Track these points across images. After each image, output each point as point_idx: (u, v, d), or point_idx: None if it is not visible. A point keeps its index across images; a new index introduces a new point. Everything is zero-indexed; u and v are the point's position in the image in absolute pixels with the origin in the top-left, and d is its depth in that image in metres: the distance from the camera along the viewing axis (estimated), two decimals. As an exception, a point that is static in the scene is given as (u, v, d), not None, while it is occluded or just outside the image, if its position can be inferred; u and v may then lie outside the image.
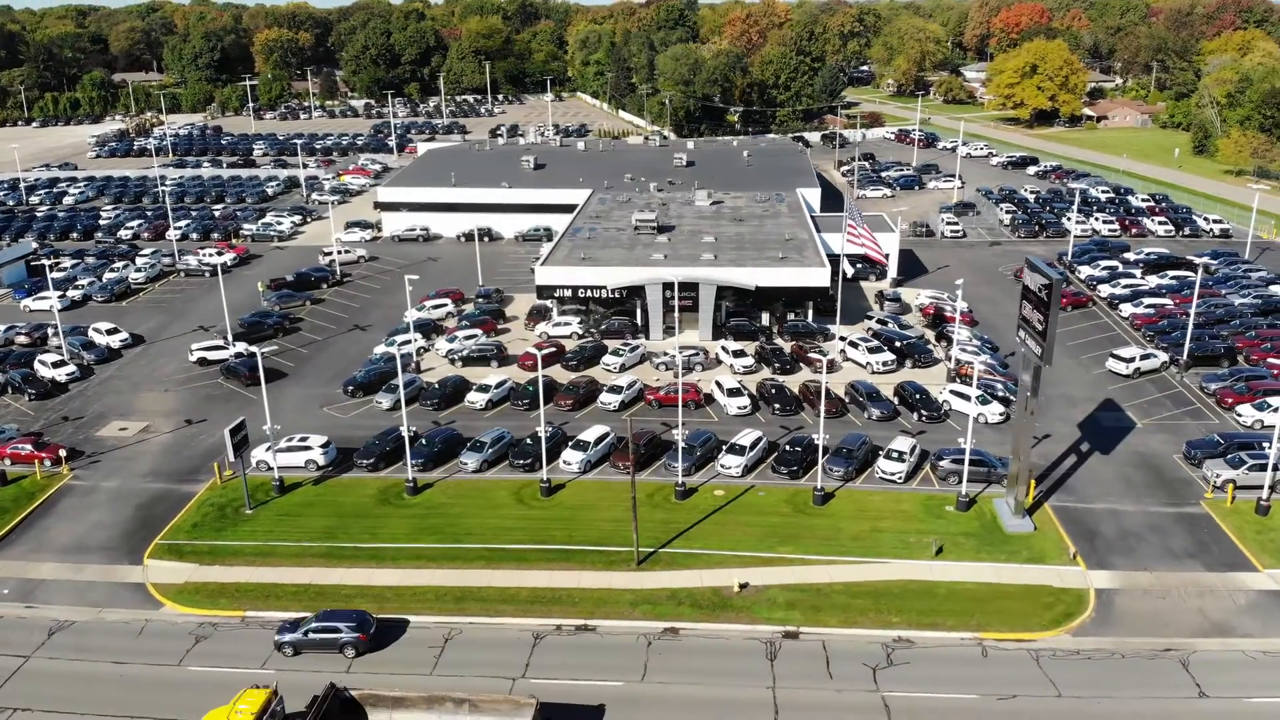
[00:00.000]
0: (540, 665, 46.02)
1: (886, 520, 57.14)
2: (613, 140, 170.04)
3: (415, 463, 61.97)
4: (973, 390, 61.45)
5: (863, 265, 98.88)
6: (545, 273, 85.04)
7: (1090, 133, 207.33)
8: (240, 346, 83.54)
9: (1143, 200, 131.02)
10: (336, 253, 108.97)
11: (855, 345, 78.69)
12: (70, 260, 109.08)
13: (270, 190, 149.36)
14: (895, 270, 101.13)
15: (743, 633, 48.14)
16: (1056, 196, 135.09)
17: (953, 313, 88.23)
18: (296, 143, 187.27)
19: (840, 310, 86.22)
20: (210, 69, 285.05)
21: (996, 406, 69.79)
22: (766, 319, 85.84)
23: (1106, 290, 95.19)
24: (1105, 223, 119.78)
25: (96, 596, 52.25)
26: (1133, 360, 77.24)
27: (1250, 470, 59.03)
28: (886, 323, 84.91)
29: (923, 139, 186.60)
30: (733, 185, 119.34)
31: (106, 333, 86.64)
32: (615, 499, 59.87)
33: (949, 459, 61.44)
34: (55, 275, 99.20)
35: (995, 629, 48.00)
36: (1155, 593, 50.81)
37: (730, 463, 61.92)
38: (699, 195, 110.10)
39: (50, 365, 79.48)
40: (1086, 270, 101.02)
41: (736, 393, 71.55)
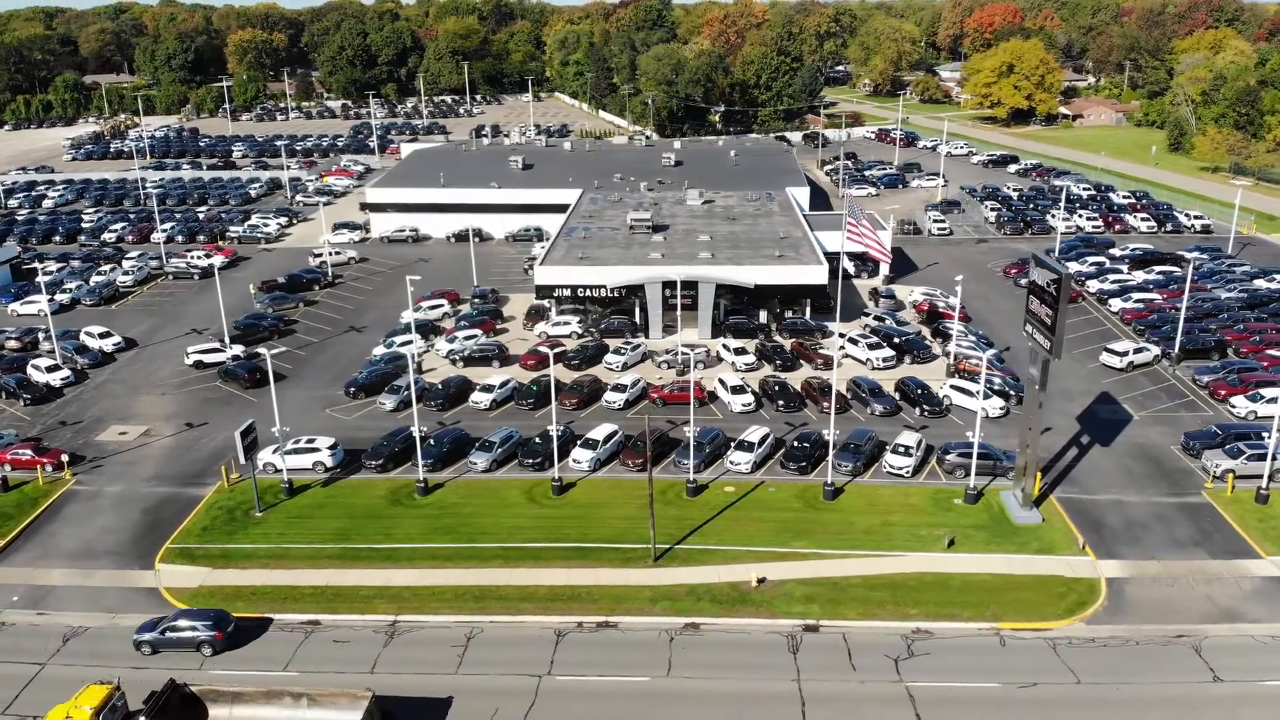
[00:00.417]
0: (564, 662, 46.19)
1: (897, 514, 57.81)
2: (598, 140, 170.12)
3: (425, 463, 61.83)
4: (980, 385, 62.27)
5: (855, 263, 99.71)
6: (544, 272, 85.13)
7: (1066, 131, 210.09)
8: (237, 349, 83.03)
9: (1124, 197, 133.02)
10: (327, 254, 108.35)
11: (855, 342, 79.43)
12: (56, 264, 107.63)
13: (253, 192, 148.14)
14: (886, 268, 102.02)
15: (763, 627, 48.56)
16: (1039, 194, 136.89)
17: (946, 309, 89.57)
18: (280, 144, 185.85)
19: (851, 307, 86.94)
20: (184, 70, 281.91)
21: (997, 401, 70.68)
22: (764, 317, 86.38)
23: (1095, 286, 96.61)
24: (1089, 219, 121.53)
25: (109, 602, 51.76)
26: (1126, 354, 78.51)
27: (1249, 460, 60.29)
28: (883, 319, 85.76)
29: (903, 138, 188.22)
30: (721, 185, 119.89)
31: (99, 336, 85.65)
32: (627, 496, 60.15)
33: (955, 453, 62.22)
34: (40, 279, 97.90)
35: (1011, 619, 48.73)
36: (1164, 581, 51.80)
37: (739, 459, 62.35)
38: (691, 194, 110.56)
39: (44, 370, 78.50)
40: (1074, 266, 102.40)
41: (740, 390, 72.02)
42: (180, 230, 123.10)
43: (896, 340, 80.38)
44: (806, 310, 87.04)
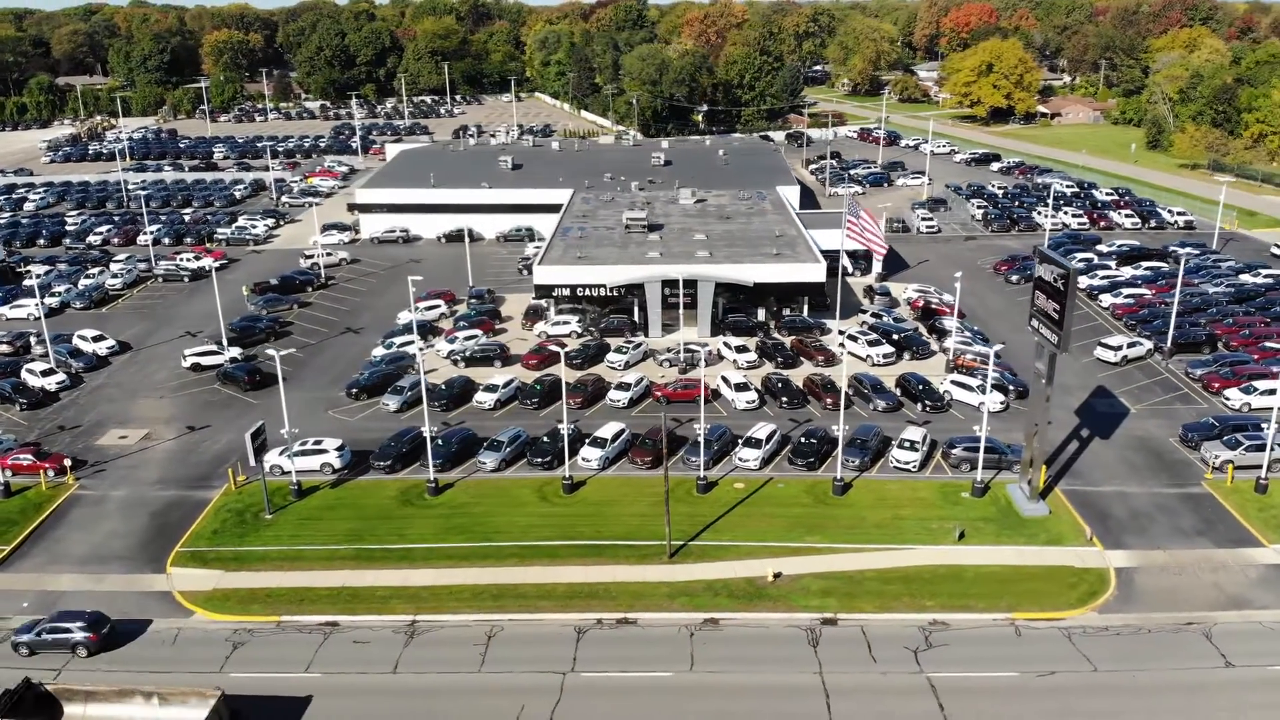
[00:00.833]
0: (587, 659, 46.39)
1: (906, 508, 58.44)
2: (584, 140, 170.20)
3: (435, 463, 61.75)
4: (987, 379, 63.06)
5: (853, 261, 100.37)
6: (543, 272, 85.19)
7: (1045, 130, 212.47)
8: (235, 351, 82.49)
9: (1106, 194, 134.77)
10: (319, 255, 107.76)
11: (855, 338, 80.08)
12: (43, 267, 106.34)
13: (238, 194, 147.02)
14: (879, 265, 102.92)
15: (782, 621, 48.98)
16: (1024, 191, 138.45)
17: (940, 305, 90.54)
18: (267, 145, 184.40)
19: (845, 305, 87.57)
20: (160, 71, 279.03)
21: (996, 395, 71.47)
22: (762, 315, 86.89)
23: (1085, 282, 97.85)
24: (1074, 216, 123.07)
25: (123, 606, 51.28)
26: (1120, 348, 79.70)
27: (1247, 451, 61.44)
28: (881, 316, 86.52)
29: (885, 137, 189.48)
30: (712, 184, 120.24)
31: (93, 340, 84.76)
32: (637, 494, 60.42)
33: (960, 447, 62.96)
34: (29, 282, 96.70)
35: (1025, 609, 49.46)
36: (1171, 570, 52.73)
37: (748, 456, 62.78)
38: (683, 194, 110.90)
39: (39, 374, 77.63)
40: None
41: (744, 387, 72.47)
42: (166, 232, 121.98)
43: (895, 337, 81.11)
44: (804, 308, 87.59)
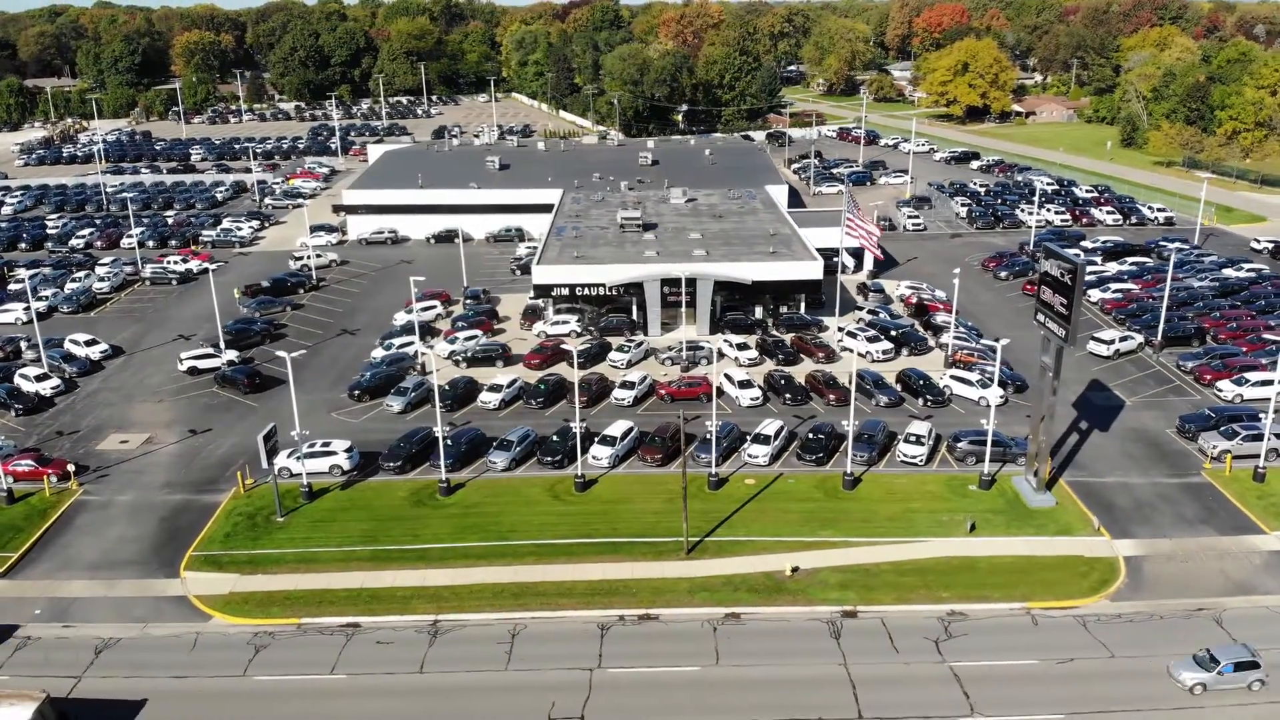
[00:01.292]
0: (613, 654, 46.62)
1: (916, 501, 59.20)
2: (570, 140, 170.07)
3: (446, 463, 61.67)
4: (995, 373, 64.10)
5: (836, 259, 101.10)
6: (542, 272, 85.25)
7: (1020, 128, 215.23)
8: (231, 354, 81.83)
9: (1086, 191, 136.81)
10: (311, 257, 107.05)
11: (854, 335, 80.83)
12: (27, 270, 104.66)
13: (219, 196, 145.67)
14: (871, 263, 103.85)
15: (803, 614, 49.50)
16: (1005, 189, 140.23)
17: (933, 302, 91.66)
18: (239, 147, 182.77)
19: (829, 302, 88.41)
20: (130, 73, 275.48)
21: (996, 389, 72.39)
22: (759, 313, 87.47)
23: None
24: (1057, 213, 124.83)
25: (138, 612, 50.93)
26: (1113, 342, 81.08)
27: (1244, 441, 62.80)
28: (878, 313, 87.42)
29: (864, 137, 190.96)
30: (700, 183, 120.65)
31: (85, 344, 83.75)
32: (649, 491, 60.75)
33: (966, 440, 63.85)
34: (14, 286, 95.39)
35: (1040, 598, 50.33)
36: (1178, 557, 53.86)
37: (757, 452, 63.29)
38: (674, 193, 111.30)
39: (33, 379, 76.60)
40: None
41: (747, 384, 72.98)
42: (150, 235, 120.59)
43: (893, 333, 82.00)
44: (801, 305, 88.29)
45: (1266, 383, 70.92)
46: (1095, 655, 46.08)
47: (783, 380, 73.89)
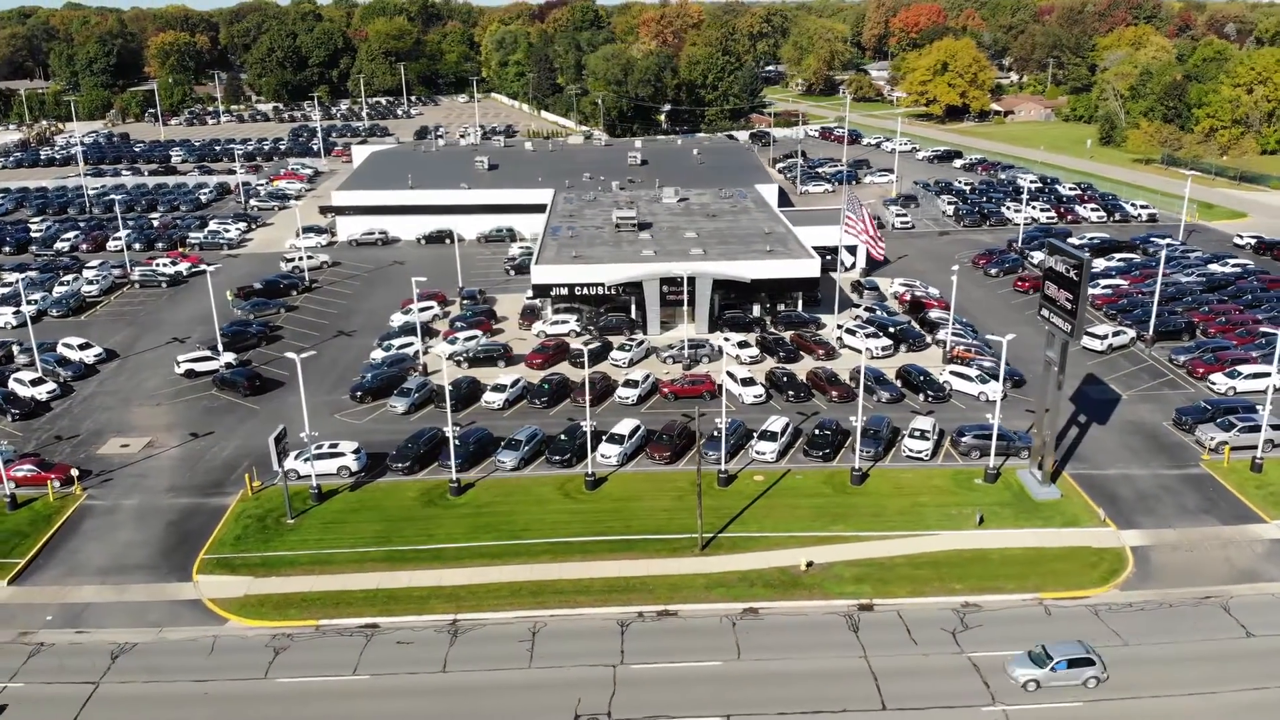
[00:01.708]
0: (635, 650, 46.86)
1: (924, 495, 59.86)
2: (557, 140, 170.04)
3: (456, 463, 61.63)
4: (1001, 369, 65.01)
5: (830, 257, 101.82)
6: (541, 271, 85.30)
7: (1000, 127, 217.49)
8: (229, 356, 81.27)
9: (1070, 189, 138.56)
10: (303, 258, 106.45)
11: (852, 332, 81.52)
12: (14, 274, 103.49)
13: (203, 197, 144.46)
14: (863, 261, 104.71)
15: (820, 608, 49.95)
16: (990, 187, 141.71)
17: (927, 298, 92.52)
18: (231, 148, 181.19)
19: (825, 300, 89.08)
20: (105, 75, 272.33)
21: (995, 385, 73.34)
22: (756, 311, 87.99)
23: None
24: (1042, 210, 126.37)
25: (153, 616, 50.53)
26: (1106, 337, 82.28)
27: (1241, 432, 64.00)
28: (874, 310, 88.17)
29: (847, 136, 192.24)
30: (689, 183, 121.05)
31: (79, 348, 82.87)
32: (659, 489, 61.04)
33: (970, 435, 64.62)
34: (1, 290, 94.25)
35: (1052, 589, 51.09)
36: (1184, 547, 54.83)
37: (764, 448, 63.74)
38: (666, 192, 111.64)
39: (29, 383, 75.72)
40: (1039, 255, 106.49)
41: (750, 382, 73.42)
42: (136, 238, 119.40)
43: (891, 330, 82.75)
44: (799, 303, 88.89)
45: (1259, 375, 72.50)
46: (1109, 643, 46.75)
47: (785, 378, 74.41)
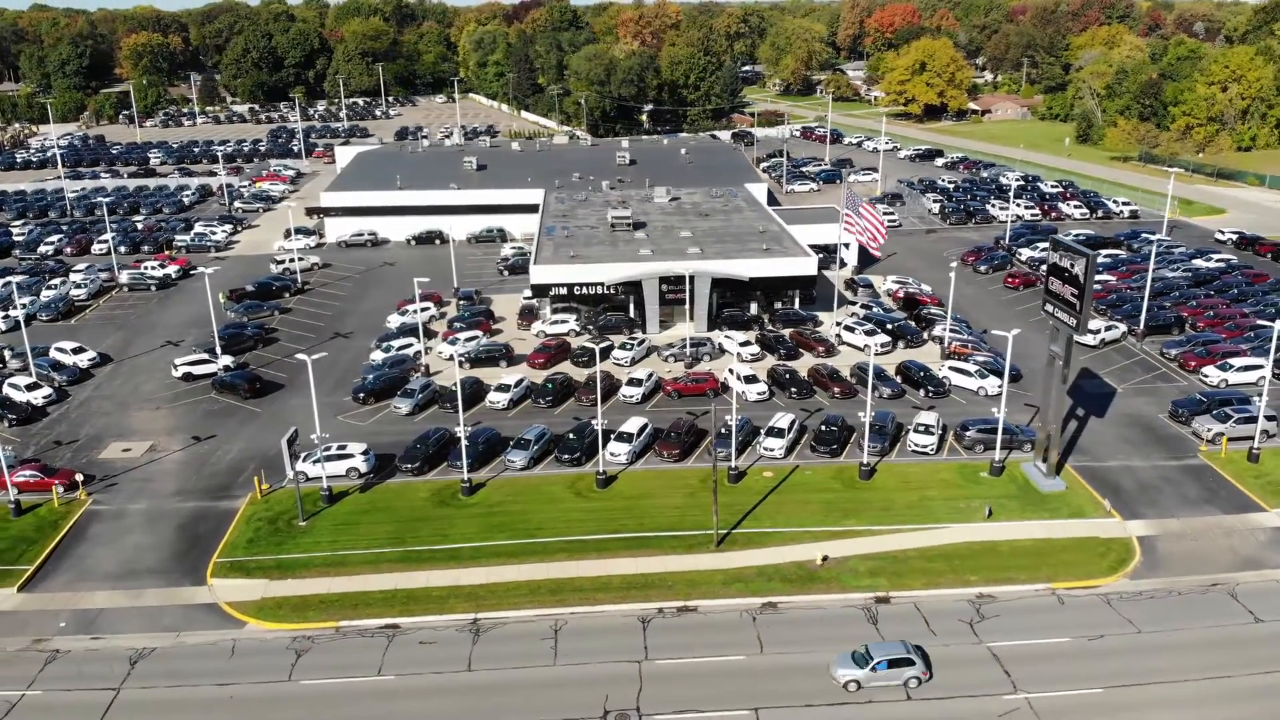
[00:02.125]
0: (659, 646, 47.18)
1: (932, 489, 60.64)
2: (544, 140, 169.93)
3: (466, 463, 61.62)
4: (1003, 365, 65.57)
5: (824, 255, 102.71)
6: (540, 272, 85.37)
7: (978, 126, 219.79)
8: (227, 359, 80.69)
9: (1052, 187, 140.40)
10: (295, 261, 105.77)
11: (850, 329, 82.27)
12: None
13: (186, 200, 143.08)
14: (855, 258, 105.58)
15: (838, 601, 50.52)
16: (974, 185, 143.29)
17: (921, 295, 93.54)
18: (213, 150, 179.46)
19: (822, 298, 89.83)
20: (78, 76, 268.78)
21: (994, 379, 74.37)
22: (754, 309, 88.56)
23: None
24: (1027, 208, 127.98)
25: (168, 620, 50.21)
26: (1098, 332, 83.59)
27: (1237, 423, 65.31)
28: (871, 307, 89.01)
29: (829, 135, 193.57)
30: (679, 182, 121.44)
31: (73, 352, 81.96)
32: (669, 487, 61.39)
33: (974, 429, 65.49)
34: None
35: (1063, 579, 51.97)
36: (1188, 536, 55.94)
37: (772, 445, 64.26)
38: (657, 192, 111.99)
39: (24, 388, 74.79)
40: (1027, 252, 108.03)
41: (753, 379, 73.95)
42: (122, 241, 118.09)
43: (889, 326, 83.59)
44: (796, 301, 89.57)
45: (1250, 367, 74.01)
46: (1123, 631, 47.75)
47: (787, 375, 74.99)
